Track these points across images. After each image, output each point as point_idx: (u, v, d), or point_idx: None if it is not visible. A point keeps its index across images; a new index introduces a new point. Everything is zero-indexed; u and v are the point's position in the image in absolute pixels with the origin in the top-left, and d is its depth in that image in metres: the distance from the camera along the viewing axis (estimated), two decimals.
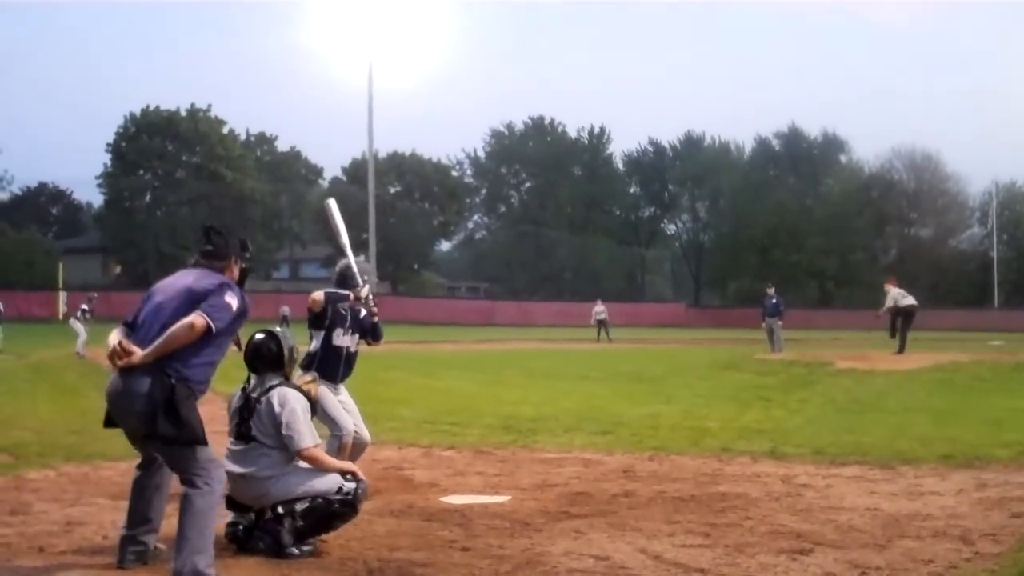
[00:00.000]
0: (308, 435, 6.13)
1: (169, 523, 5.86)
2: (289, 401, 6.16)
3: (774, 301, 31.40)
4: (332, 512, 6.13)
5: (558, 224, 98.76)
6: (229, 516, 6.20)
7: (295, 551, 6.02)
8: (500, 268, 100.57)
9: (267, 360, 6.32)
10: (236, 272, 5.95)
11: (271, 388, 6.21)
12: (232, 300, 5.58)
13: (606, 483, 8.68)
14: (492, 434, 11.94)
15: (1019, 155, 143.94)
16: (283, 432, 6.05)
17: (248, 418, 6.18)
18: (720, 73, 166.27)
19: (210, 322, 5.40)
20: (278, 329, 6.57)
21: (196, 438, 5.43)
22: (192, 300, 5.50)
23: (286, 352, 6.37)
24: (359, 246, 63.89)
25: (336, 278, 8.12)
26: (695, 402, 15.98)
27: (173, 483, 5.84)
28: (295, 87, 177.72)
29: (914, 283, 37.27)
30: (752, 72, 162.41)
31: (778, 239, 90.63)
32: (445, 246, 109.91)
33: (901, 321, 26.04)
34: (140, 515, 5.80)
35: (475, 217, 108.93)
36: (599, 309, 47.07)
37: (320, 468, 6.21)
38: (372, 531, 6.68)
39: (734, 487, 8.48)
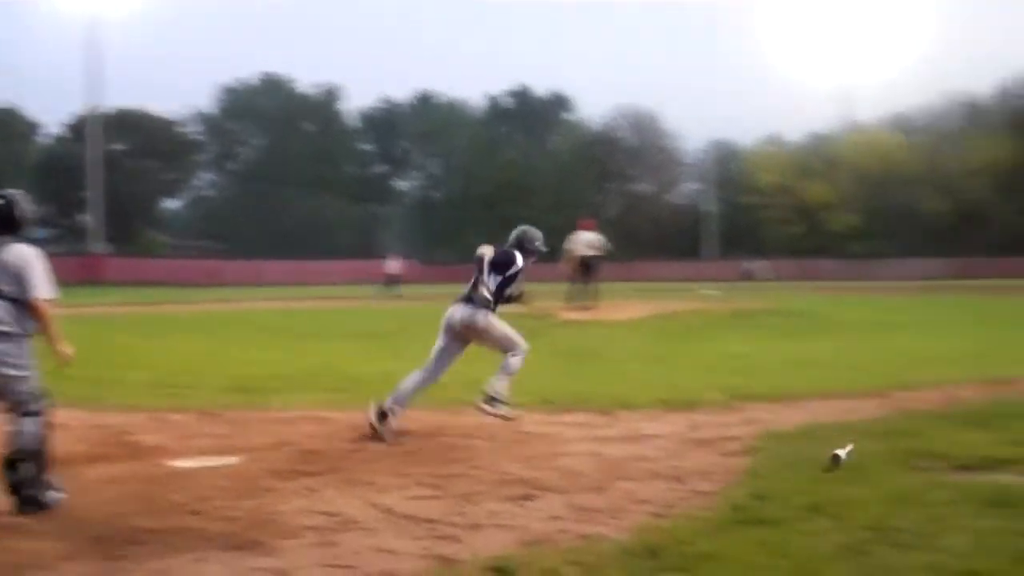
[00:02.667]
0: (46, 286, 6.17)
1: None
2: (27, 254, 6.21)
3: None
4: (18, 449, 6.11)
5: (290, 181, 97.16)
6: None
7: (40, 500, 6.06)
8: (231, 226, 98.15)
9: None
10: None
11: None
12: None
13: (338, 440, 8.68)
14: (223, 395, 11.64)
15: (732, 114, 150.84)
16: (23, 277, 6.12)
17: None
18: (452, 31, 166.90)
19: None
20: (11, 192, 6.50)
21: None
22: None
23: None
24: (79, 204, 61.04)
25: (513, 242, 9.58)
26: (426, 357, 16.12)
27: None
28: (8, 40, 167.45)
29: (635, 236, 38.62)
30: (482, 30, 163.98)
31: (507, 195, 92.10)
32: (173, 204, 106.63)
33: (582, 272, 25.70)
34: None
35: (204, 174, 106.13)
36: (393, 263, 47.65)
37: (47, 325, 6.20)
38: (97, 498, 6.49)
39: (463, 438, 8.66)
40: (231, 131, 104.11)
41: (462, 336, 9.36)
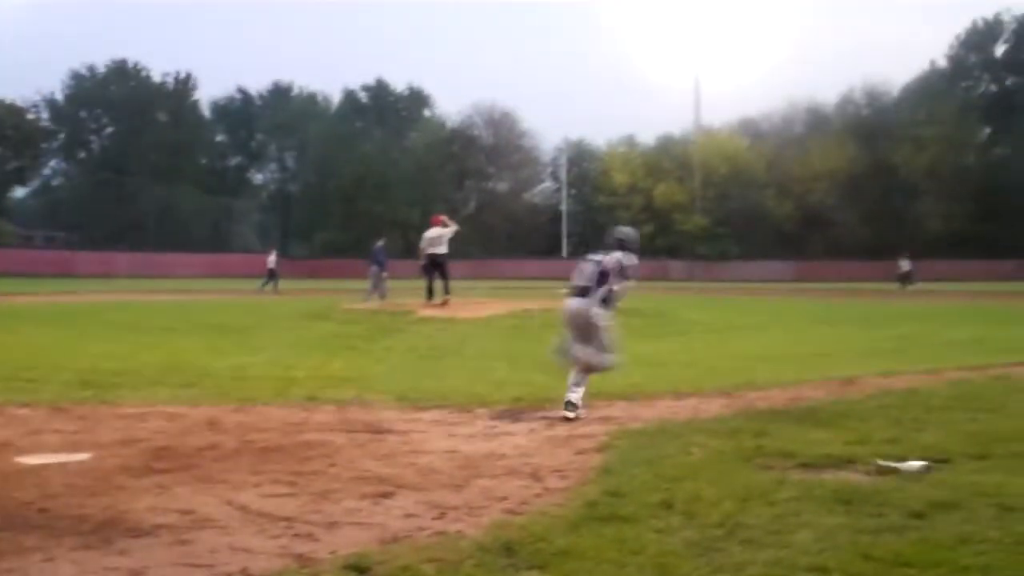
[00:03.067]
0: None
1: None
2: None
3: (381, 251, 32.68)
4: None
5: (142, 171, 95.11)
6: None
7: None
8: (80, 216, 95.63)
9: None
10: None
11: None
12: None
13: (191, 436, 8.54)
14: (71, 390, 11.31)
15: (587, 114, 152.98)
16: None
17: None
18: (308, 23, 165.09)
19: None
20: None
21: None
22: None
23: None
24: None
25: (615, 244, 10.45)
26: (282, 352, 16.01)
27: None
28: None
29: (491, 233, 38.99)
30: (340, 22, 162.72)
31: (364, 190, 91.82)
32: (20, 193, 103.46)
33: (431, 269, 25.25)
34: None
35: (53, 163, 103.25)
36: (272, 257, 47.67)
37: None
38: None
39: (320, 435, 8.61)
40: (81, 119, 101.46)
41: (577, 326, 10.21)
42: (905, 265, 55.59)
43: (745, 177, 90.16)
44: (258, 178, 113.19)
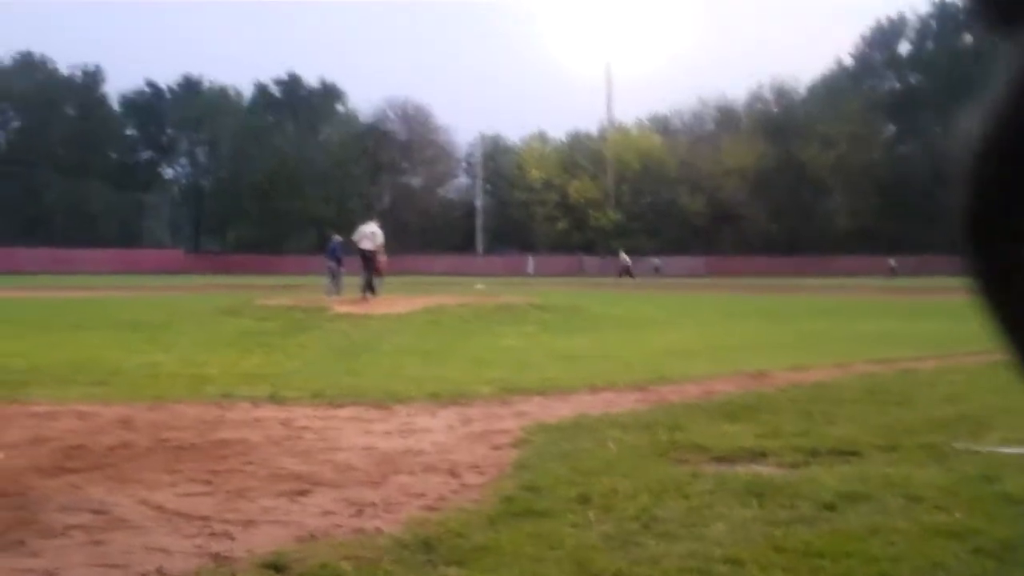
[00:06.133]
0: None
1: None
2: None
3: (335, 247, 33.53)
4: None
5: (49, 166, 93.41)
6: None
7: None
8: None
9: None
10: None
11: None
12: None
13: (103, 435, 8.38)
14: None
15: (502, 110, 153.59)
16: None
17: None
18: (218, 16, 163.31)
19: None
20: None
21: None
22: None
23: None
24: None
25: None
26: (195, 349, 15.82)
27: None
28: None
29: (405, 229, 39.03)
30: (250, 17, 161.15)
31: (278, 185, 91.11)
32: None
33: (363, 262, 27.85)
34: None
35: None
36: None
37: None
38: None
39: (235, 433, 8.52)
40: None
41: None
42: (625, 259, 59.33)
43: (658, 173, 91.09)
44: (169, 173, 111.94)
